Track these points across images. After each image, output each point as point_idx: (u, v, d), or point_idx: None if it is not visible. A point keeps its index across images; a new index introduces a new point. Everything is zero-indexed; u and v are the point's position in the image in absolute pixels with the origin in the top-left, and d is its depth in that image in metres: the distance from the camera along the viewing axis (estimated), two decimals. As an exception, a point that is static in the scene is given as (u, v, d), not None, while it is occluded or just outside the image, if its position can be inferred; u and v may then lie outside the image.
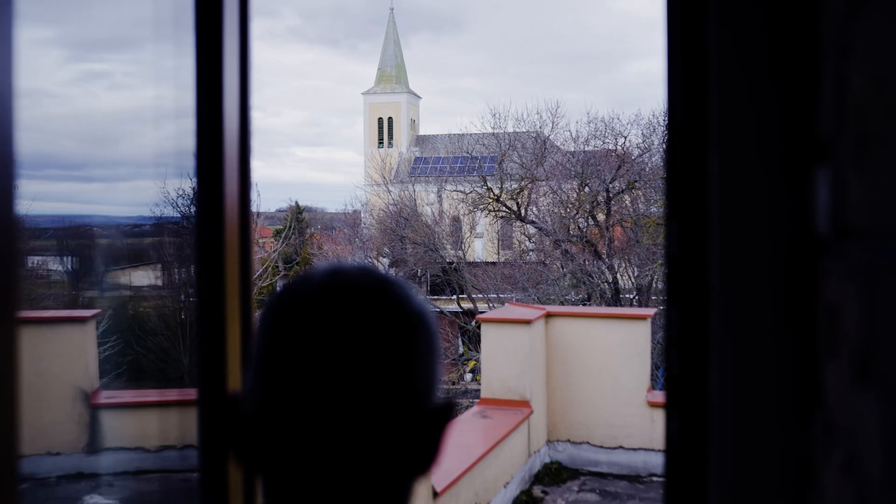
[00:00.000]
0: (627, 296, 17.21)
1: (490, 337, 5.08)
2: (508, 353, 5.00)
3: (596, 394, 5.36)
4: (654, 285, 17.38)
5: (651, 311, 5.51)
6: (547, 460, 5.38)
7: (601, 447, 5.33)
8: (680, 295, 1.18)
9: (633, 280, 17.33)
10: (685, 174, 1.16)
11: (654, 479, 5.16)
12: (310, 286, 0.65)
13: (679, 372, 1.18)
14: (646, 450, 5.24)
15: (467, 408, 18.23)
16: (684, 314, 1.17)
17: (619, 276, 17.27)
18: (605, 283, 17.16)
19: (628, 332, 5.22)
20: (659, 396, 5.34)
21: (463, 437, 4.53)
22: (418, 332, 0.65)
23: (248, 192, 1.38)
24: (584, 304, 16.96)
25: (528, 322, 4.98)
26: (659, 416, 5.20)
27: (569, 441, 5.42)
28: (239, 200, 1.29)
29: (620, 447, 5.30)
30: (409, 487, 0.67)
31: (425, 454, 0.67)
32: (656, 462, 5.18)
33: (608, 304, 16.57)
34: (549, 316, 5.40)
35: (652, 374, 5.59)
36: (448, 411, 0.67)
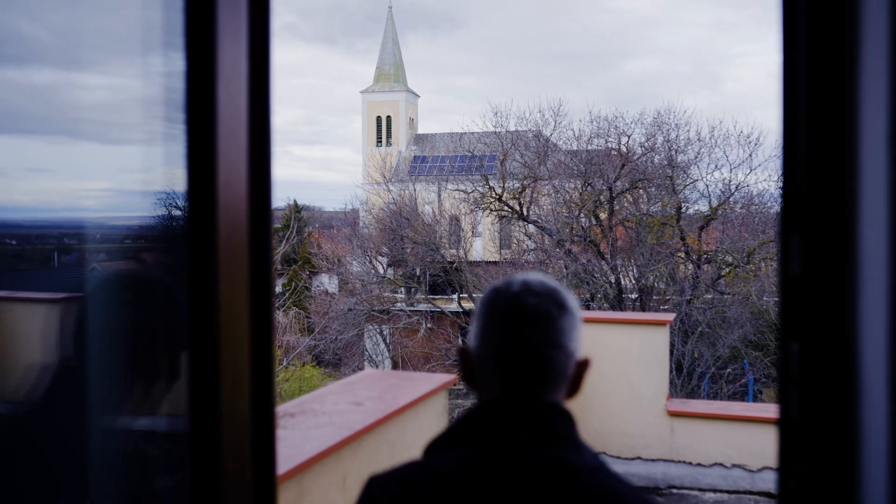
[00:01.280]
0: (630, 296, 17.03)
1: (504, 343, 4.86)
2: (523, 361, 4.78)
3: (613, 402, 5.15)
4: (655, 286, 17.19)
5: (670, 317, 5.31)
6: (561, 471, 5.18)
7: (618, 458, 5.13)
8: (803, 325, 0.98)
9: (633, 280, 17.14)
10: (816, 178, 0.95)
11: (674, 491, 4.96)
12: (510, 287, 1.13)
13: (802, 417, 0.98)
14: (665, 461, 5.04)
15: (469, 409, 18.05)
16: (811, 348, 0.97)
17: (621, 276, 17.08)
18: (608, 284, 16.97)
19: (647, 338, 5.02)
20: (678, 405, 5.15)
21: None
22: (573, 316, 1.13)
23: (269, 195, 1.17)
24: (588, 305, 16.77)
25: (543, 328, 4.76)
26: (679, 426, 5.01)
27: (584, 451, 5.21)
28: (249, 205, 1.09)
29: (639, 458, 5.09)
30: (567, 408, 1.11)
31: (575, 386, 1.13)
32: (676, 474, 4.99)
33: (611, 305, 16.38)
34: (563, 321, 5.18)
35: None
36: (587, 362, 1.14)
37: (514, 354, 1.08)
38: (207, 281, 1.04)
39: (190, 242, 1.04)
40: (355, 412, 2.59)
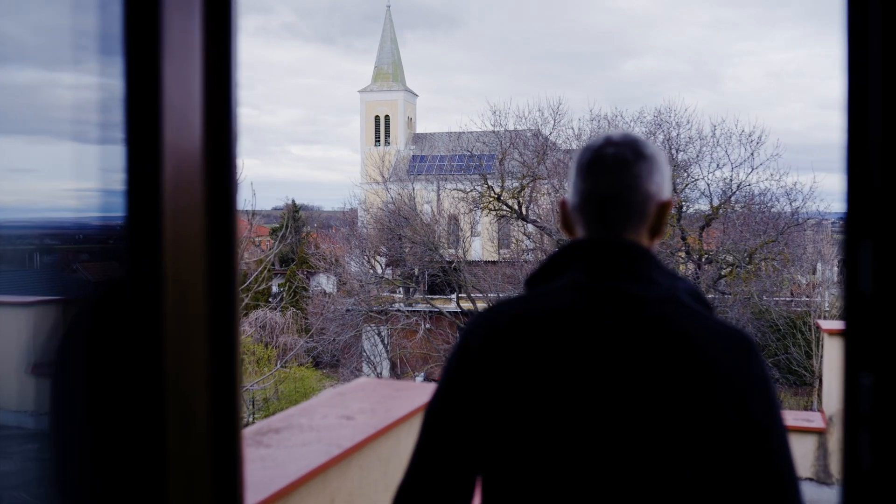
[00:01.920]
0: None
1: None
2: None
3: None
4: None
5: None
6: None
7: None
8: (878, 352, 0.81)
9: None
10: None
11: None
12: (595, 142, 1.26)
13: (875, 466, 0.81)
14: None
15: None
16: (888, 381, 0.80)
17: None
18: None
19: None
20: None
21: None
22: (650, 161, 1.23)
23: (231, 192, 1.00)
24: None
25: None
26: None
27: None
28: (206, 205, 0.91)
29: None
30: (651, 248, 1.24)
31: (657, 226, 1.24)
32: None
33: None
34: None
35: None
36: (668, 203, 1.25)
37: (596, 199, 1.21)
38: (151, 295, 0.86)
39: (129, 251, 0.88)
40: (345, 427, 2.42)
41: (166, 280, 0.86)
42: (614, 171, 1.20)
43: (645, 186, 1.20)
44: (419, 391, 2.86)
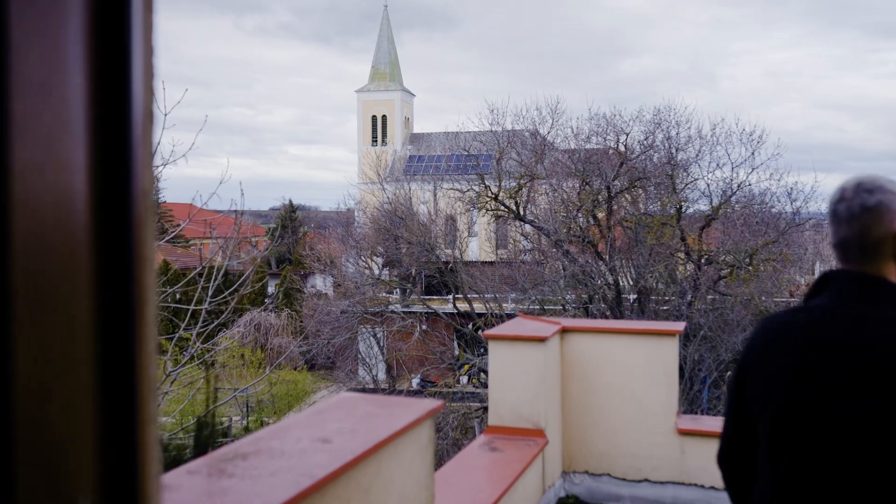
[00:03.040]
0: (629, 297, 16.65)
1: (499, 356, 4.44)
2: (520, 376, 4.35)
3: (618, 419, 4.71)
4: (656, 286, 16.77)
5: (680, 326, 4.87)
6: (562, 494, 4.73)
7: (624, 480, 4.69)
8: None
9: (631, 281, 16.74)
10: None
11: (686, 517, 4.55)
12: (835, 193, 1.62)
13: None
14: (675, 483, 4.59)
15: (464, 414, 17.49)
16: None
17: (619, 277, 16.68)
18: (606, 286, 16.57)
19: (654, 350, 4.59)
20: (688, 423, 4.72)
21: (471, 477, 3.90)
22: (877, 209, 1.54)
23: (131, 184, 0.74)
24: (586, 307, 16.34)
25: (542, 339, 4.33)
26: (690, 446, 4.58)
27: (587, 472, 4.77)
28: (92, 202, 0.66)
29: (646, 480, 4.65)
30: (877, 274, 1.56)
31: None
32: (687, 497, 4.57)
33: (609, 307, 15.96)
34: (564, 331, 4.75)
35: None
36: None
37: (837, 243, 1.58)
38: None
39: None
40: (321, 452, 2.17)
41: (13, 295, 0.61)
42: (847, 223, 1.56)
43: (874, 231, 1.54)
44: (403, 409, 2.60)
